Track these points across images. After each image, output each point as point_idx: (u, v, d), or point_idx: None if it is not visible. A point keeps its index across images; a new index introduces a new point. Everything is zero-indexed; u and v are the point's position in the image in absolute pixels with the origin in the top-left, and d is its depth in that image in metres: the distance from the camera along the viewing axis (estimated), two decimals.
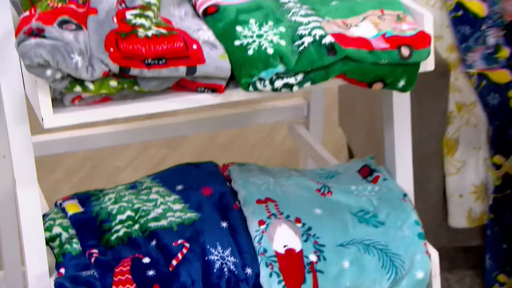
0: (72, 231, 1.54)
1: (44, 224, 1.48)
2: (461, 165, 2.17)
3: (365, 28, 1.44)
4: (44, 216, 1.53)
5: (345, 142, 2.90)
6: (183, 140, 3.19)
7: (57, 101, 1.31)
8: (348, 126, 2.81)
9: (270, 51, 1.33)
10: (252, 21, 1.38)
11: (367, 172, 1.72)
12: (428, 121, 2.11)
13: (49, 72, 1.21)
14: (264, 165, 1.77)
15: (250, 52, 1.34)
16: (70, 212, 1.59)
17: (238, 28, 1.37)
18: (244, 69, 1.34)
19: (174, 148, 3.17)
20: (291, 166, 2.27)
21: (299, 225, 1.55)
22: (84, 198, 1.63)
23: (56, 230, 1.52)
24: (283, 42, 1.35)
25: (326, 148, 2.05)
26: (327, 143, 2.14)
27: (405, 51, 1.41)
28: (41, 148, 1.79)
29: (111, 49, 1.27)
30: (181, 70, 1.32)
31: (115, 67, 1.27)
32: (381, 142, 1.77)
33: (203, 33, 1.38)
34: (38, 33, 1.22)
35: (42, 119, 1.27)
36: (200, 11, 1.44)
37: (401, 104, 1.63)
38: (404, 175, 1.68)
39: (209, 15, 1.41)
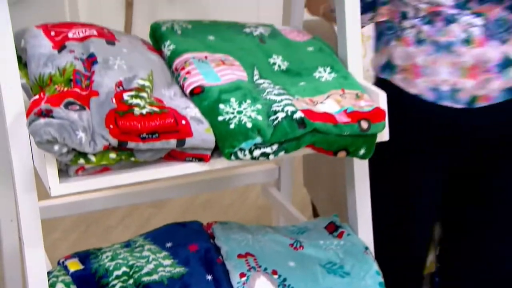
0: (73, 287, 1.51)
1: (48, 281, 1.46)
2: None
3: (329, 104, 1.46)
4: (48, 273, 1.51)
5: (309, 200, 2.92)
6: (168, 200, 3.19)
7: (62, 172, 1.31)
8: (312, 187, 2.83)
9: (249, 125, 1.35)
10: (232, 99, 1.39)
11: (333, 228, 1.72)
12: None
13: (56, 147, 1.21)
14: (240, 223, 1.76)
15: (232, 126, 1.35)
16: (72, 269, 1.57)
17: (221, 106, 1.38)
18: (227, 141, 1.35)
19: (159, 208, 3.17)
20: (263, 221, 2.29)
21: (276, 276, 1.54)
22: (84, 256, 1.61)
23: (59, 286, 1.50)
24: (260, 117, 1.37)
25: (293, 206, 2.05)
26: (293, 201, 2.15)
27: (364, 124, 1.44)
28: (42, 212, 1.78)
29: (111, 126, 1.27)
30: (172, 142, 1.33)
31: (114, 142, 1.28)
32: (342, 201, 1.77)
33: (191, 110, 1.39)
34: (47, 113, 1.22)
35: (50, 188, 1.27)
36: (187, 91, 1.45)
37: (362, 169, 1.65)
38: (365, 230, 1.69)
39: (195, 95, 1.43)
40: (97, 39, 1.45)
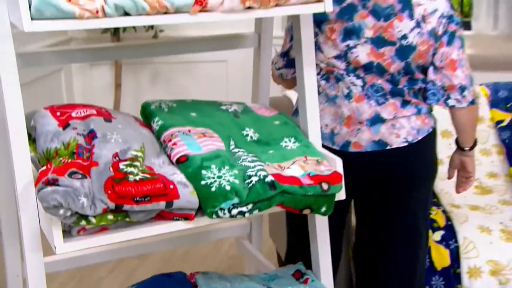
0: None
1: None
2: None
3: (295, 169, 1.47)
4: None
5: (275, 249, 2.89)
6: (151, 253, 3.14)
7: (65, 232, 1.28)
8: (276, 237, 2.81)
9: (228, 188, 1.34)
10: (213, 166, 1.39)
11: (299, 275, 1.70)
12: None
13: (61, 211, 1.20)
14: (218, 272, 1.73)
15: (213, 189, 1.35)
16: None
17: (203, 172, 1.37)
18: (209, 202, 1.35)
19: (143, 260, 3.09)
20: (236, 270, 2.26)
21: None
22: None
23: None
24: (237, 181, 1.37)
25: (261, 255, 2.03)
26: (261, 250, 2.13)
27: (325, 186, 1.44)
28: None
29: (109, 191, 1.26)
30: (162, 204, 1.32)
31: (112, 205, 1.26)
32: None
33: (177, 176, 1.38)
34: (53, 182, 1.21)
35: (55, 247, 1.24)
36: (174, 160, 1.44)
37: (322, 224, 1.65)
38: (326, 276, 1.68)
39: (181, 162, 1.42)
40: (96, 118, 1.45)
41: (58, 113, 1.44)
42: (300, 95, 1.64)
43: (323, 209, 1.47)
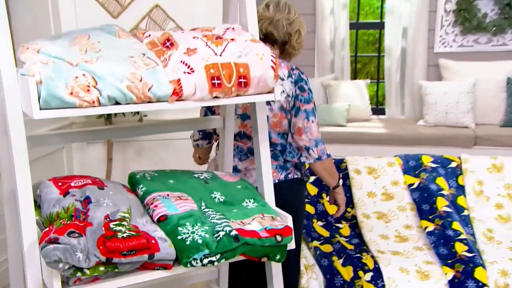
0: None
1: None
2: None
3: (254, 225, 1.44)
4: None
5: None
6: None
7: (64, 282, 1.21)
8: None
9: (200, 241, 1.30)
10: (187, 223, 1.35)
11: None
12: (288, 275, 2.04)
13: (61, 265, 1.15)
14: None
15: (188, 242, 1.30)
16: None
17: (180, 228, 1.33)
18: (184, 254, 1.30)
19: None
20: None
21: None
22: None
23: None
24: (207, 235, 1.33)
25: None
26: None
27: (278, 238, 1.41)
28: None
29: (101, 247, 1.21)
30: (145, 257, 1.27)
31: (103, 258, 1.21)
32: None
33: (158, 233, 1.33)
34: (54, 241, 1.16)
35: None
36: (155, 219, 1.39)
37: (277, 268, 1.59)
38: None
39: (161, 221, 1.37)
40: (91, 186, 1.40)
41: (59, 183, 1.39)
42: (257, 165, 1.62)
43: (278, 257, 1.43)
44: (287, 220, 1.48)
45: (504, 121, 4.39)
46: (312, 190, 2.52)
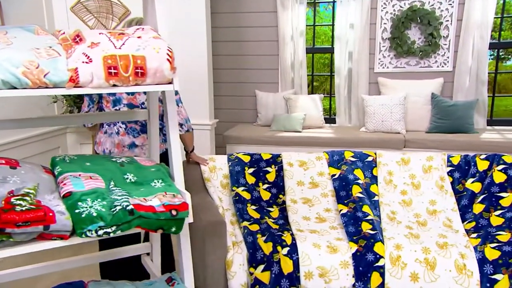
0: None
1: None
2: (234, 274, 1.89)
3: (154, 201, 1.29)
4: None
5: None
6: (71, 268, 2.52)
7: None
8: None
9: (95, 214, 1.16)
10: (89, 199, 1.20)
11: (170, 280, 1.48)
12: (216, 251, 1.87)
13: None
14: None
15: (83, 215, 1.16)
16: None
17: (79, 203, 1.19)
18: (78, 225, 1.14)
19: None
20: None
21: None
22: None
23: None
24: (103, 209, 1.18)
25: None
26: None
27: (174, 212, 1.26)
28: None
29: None
30: (40, 228, 1.12)
31: None
32: None
33: (59, 207, 1.19)
34: None
35: None
36: (61, 195, 1.22)
37: (186, 242, 1.42)
38: (188, 280, 1.43)
39: (65, 197, 1.22)
40: (3, 166, 1.24)
41: None
42: (169, 150, 1.46)
43: (173, 229, 1.27)
44: (186, 197, 1.32)
45: (429, 128, 4.30)
46: (251, 179, 2.35)
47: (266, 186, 2.33)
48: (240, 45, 4.61)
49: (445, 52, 4.37)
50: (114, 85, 1.20)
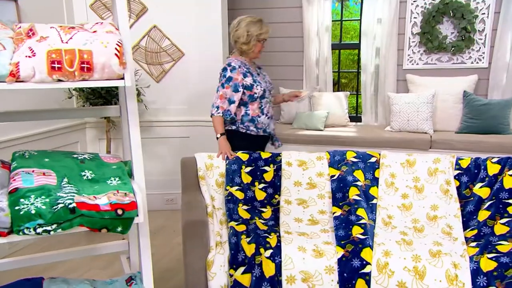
0: None
1: None
2: (214, 275, 1.80)
3: (102, 199, 1.24)
4: None
5: None
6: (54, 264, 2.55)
7: None
8: None
9: (33, 212, 1.12)
10: (32, 196, 1.17)
11: (129, 280, 1.43)
12: (195, 250, 1.79)
13: None
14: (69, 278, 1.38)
15: (21, 212, 1.12)
16: None
17: (22, 200, 1.16)
18: (15, 222, 1.12)
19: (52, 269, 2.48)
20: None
21: None
22: None
23: None
24: (44, 207, 1.14)
25: None
26: None
27: (119, 211, 1.20)
28: None
29: None
30: None
31: None
32: None
33: (2, 203, 1.15)
34: None
35: None
36: (9, 191, 1.20)
37: (145, 246, 1.36)
38: (148, 281, 1.36)
39: (11, 193, 1.19)
40: None
41: None
42: (130, 147, 1.40)
43: (119, 229, 1.22)
44: (138, 197, 1.26)
45: (460, 128, 3.97)
46: (247, 178, 2.25)
47: (262, 185, 2.23)
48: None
49: (480, 47, 4.02)
50: (60, 80, 1.16)
